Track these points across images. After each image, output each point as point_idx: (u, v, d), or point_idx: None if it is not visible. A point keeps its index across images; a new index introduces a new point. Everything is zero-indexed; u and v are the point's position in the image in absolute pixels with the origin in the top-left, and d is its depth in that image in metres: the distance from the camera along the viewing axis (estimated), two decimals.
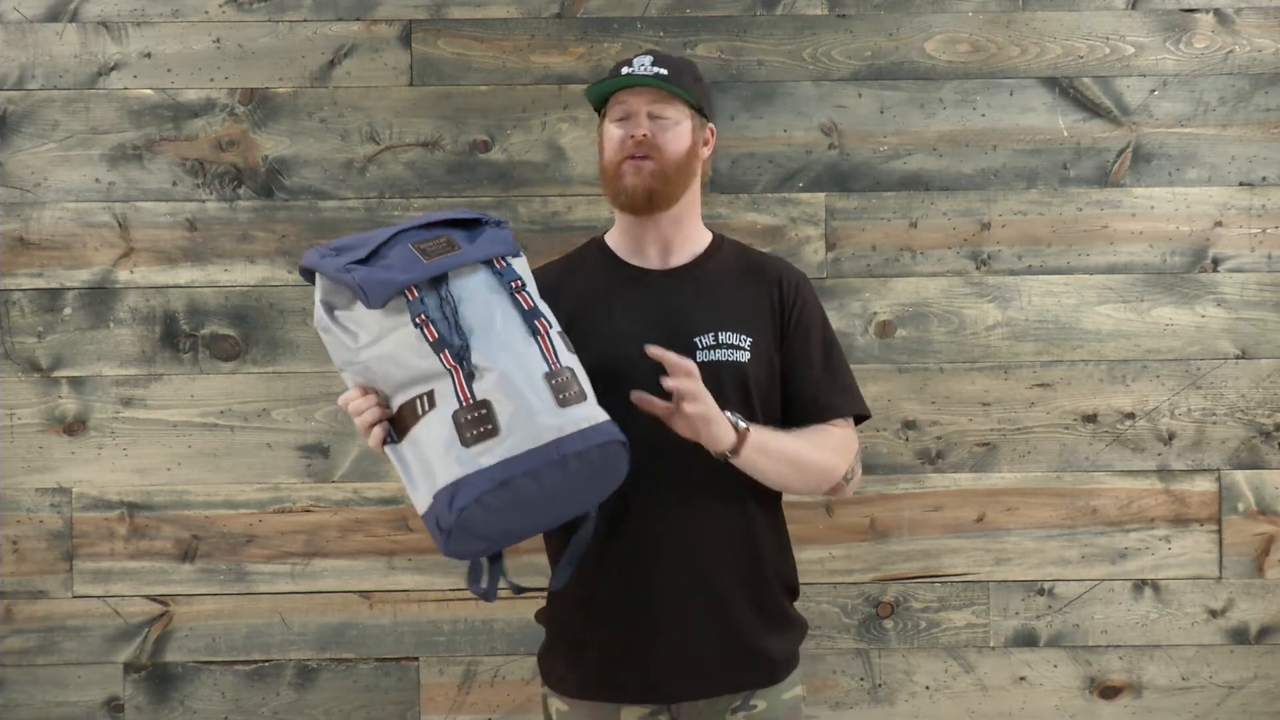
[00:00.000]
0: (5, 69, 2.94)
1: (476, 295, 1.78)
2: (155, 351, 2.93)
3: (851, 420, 2.08)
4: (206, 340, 2.94)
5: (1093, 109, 2.96)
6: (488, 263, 1.82)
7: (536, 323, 1.79)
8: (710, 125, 2.10)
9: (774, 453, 1.94)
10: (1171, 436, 2.96)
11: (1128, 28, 2.97)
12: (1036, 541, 2.95)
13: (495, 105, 2.95)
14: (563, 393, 1.75)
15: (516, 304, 1.79)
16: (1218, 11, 2.96)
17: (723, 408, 1.92)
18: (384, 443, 1.79)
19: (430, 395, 1.74)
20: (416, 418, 1.75)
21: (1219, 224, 2.96)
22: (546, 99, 2.95)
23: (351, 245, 1.81)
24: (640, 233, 2.08)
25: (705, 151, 2.10)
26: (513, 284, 1.81)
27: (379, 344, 1.76)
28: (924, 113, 2.96)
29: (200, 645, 2.93)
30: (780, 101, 2.95)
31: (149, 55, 2.94)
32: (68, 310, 2.93)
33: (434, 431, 1.73)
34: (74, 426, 2.93)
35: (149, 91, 2.95)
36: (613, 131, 2.04)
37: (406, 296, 1.74)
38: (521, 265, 1.86)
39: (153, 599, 2.93)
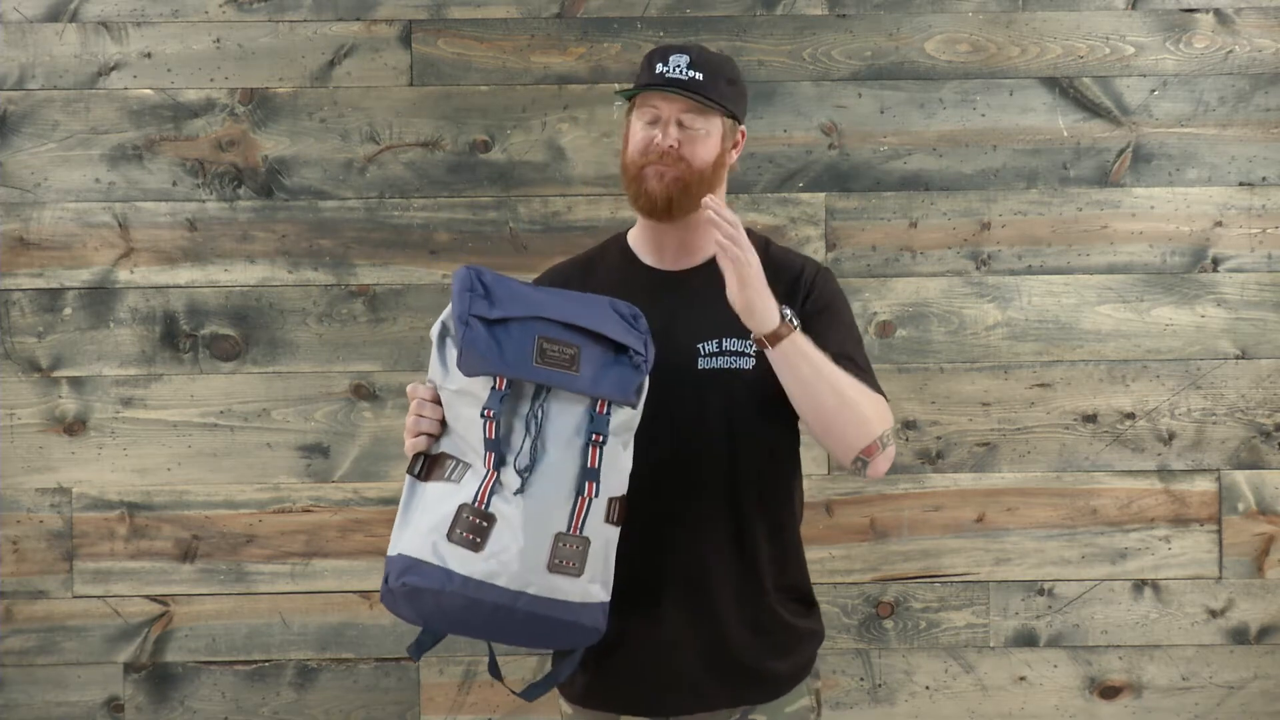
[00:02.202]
0: (5, 69, 2.94)
1: (558, 424, 1.75)
2: (155, 351, 2.93)
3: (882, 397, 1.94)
4: (206, 340, 2.94)
5: (1093, 109, 2.96)
6: (594, 400, 1.77)
7: (587, 484, 1.75)
8: (741, 128, 2.02)
9: (816, 364, 1.83)
10: (1171, 436, 2.96)
11: (1128, 28, 2.97)
12: (1036, 541, 2.95)
13: (495, 105, 2.95)
14: (559, 558, 1.72)
15: (584, 456, 1.75)
16: (1218, 11, 2.96)
17: (728, 416, 1.89)
18: (410, 468, 1.78)
19: (465, 468, 1.74)
20: (443, 476, 1.75)
21: (1219, 224, 2.96)
22: (546, 99, 2.95)
23: (498, 296, 1.78)
24: (659, 234, 2.02)
25: (734, 154, 2.02)
26: (594, 435, 1.75)
27: (457, 397, 1.75)
28: (924, 113, 2.96)
29: (200, 645, 2.93)
30: (780, 101, 2.95)
31: (149, 55, 2.94)
32: (68, 310, 2.93)
33: (440, 502, 1.73)
34: (74, 426, 2.93)
35: (149, 91, 2.95)
36: (639, 131, 1.97)
37: (494, 383, 1.72)
38: (623, 418, 1.79)
39: (153, 599, 2.93)
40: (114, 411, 2.93)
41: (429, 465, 1.77)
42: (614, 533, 1.79)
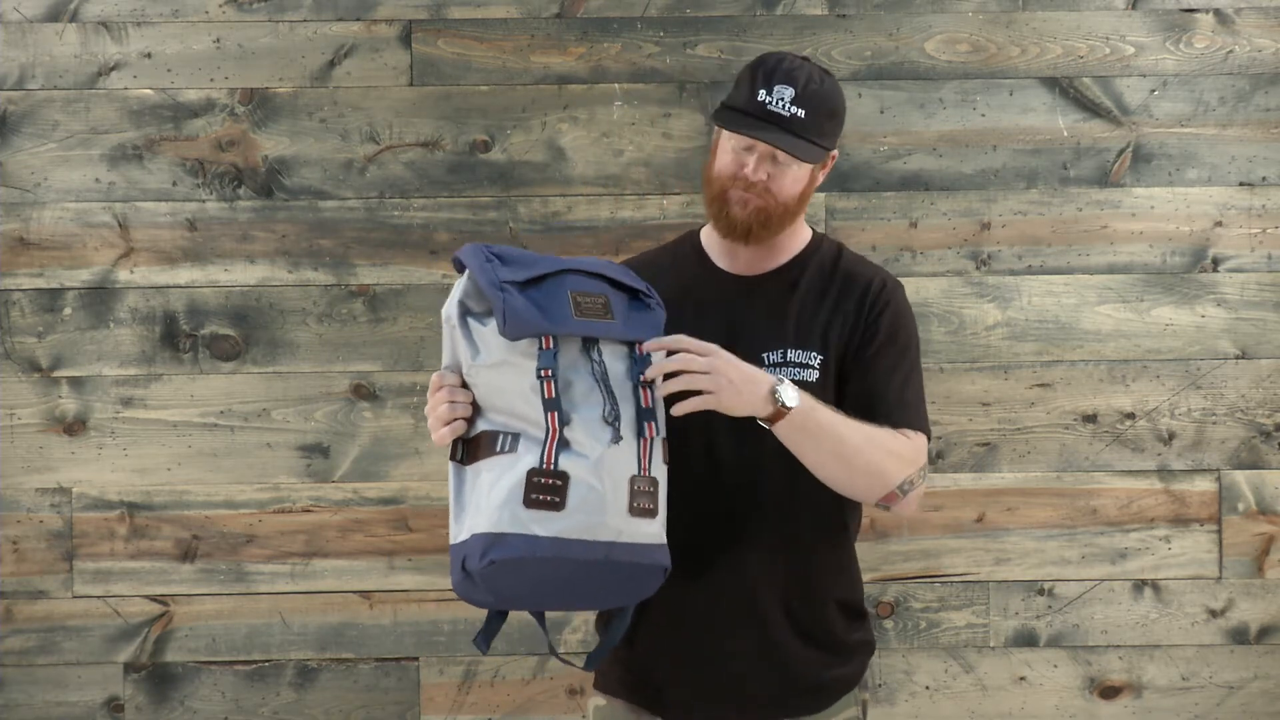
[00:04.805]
0: (5, 69, 2.94)
1: (612, 371, 1.76)
2: (155, 351, 2.93)
3: (923, 436, 1.92)
4: (206, 340, 2.94)
5: (1093, 109, 2.96)
6: (630, 344, 1.79)
7: (647, 424, 1.76)
8: (833, 153, 1.98)
9: (821, 433, 1.80)
10: (1171, 436, 2.96)
11: (1128, 28, 2.97)
12: (1036, 541, 2.95)
13: (495, 105, 2.95)
14: (638, 501, 1.73)
15: (637, 397, 1.76)
16: (1218, 11, 2.96)
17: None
18: (451, 455, 1.77)
19: (515, 438, 1.72)
20: (493, 452, 1.73)
21: (1219, 224, 2.96)
22: (546, 99, 2.95)
23: (516, 260, 1.77)
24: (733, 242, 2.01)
25: (821, 176, 1.99)
26: (643, 377, 1.77)
27: (495, 371, 1.73)
28: (924, 113, 2.96)
29: (200, 645, 2.93)
30: None
31: (149, 55, 2.94)
32: (68, 310, 2.93)
33: (502, 475, 1.71)
34: (74, 426, 2.93)
35: (149, 91, 2.95)
36: (728, 151, 1.92)
37: (540, 344, 1.71)
38: (658, 359, 1.81)
39: (153, 599, 2.93)
40: (114, 411, 2.93)
41: (470, 448, 1.76)
42: (665, 473, 1.80)
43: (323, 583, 2.94)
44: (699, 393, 1.76)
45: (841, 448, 1.83)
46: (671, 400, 1.81)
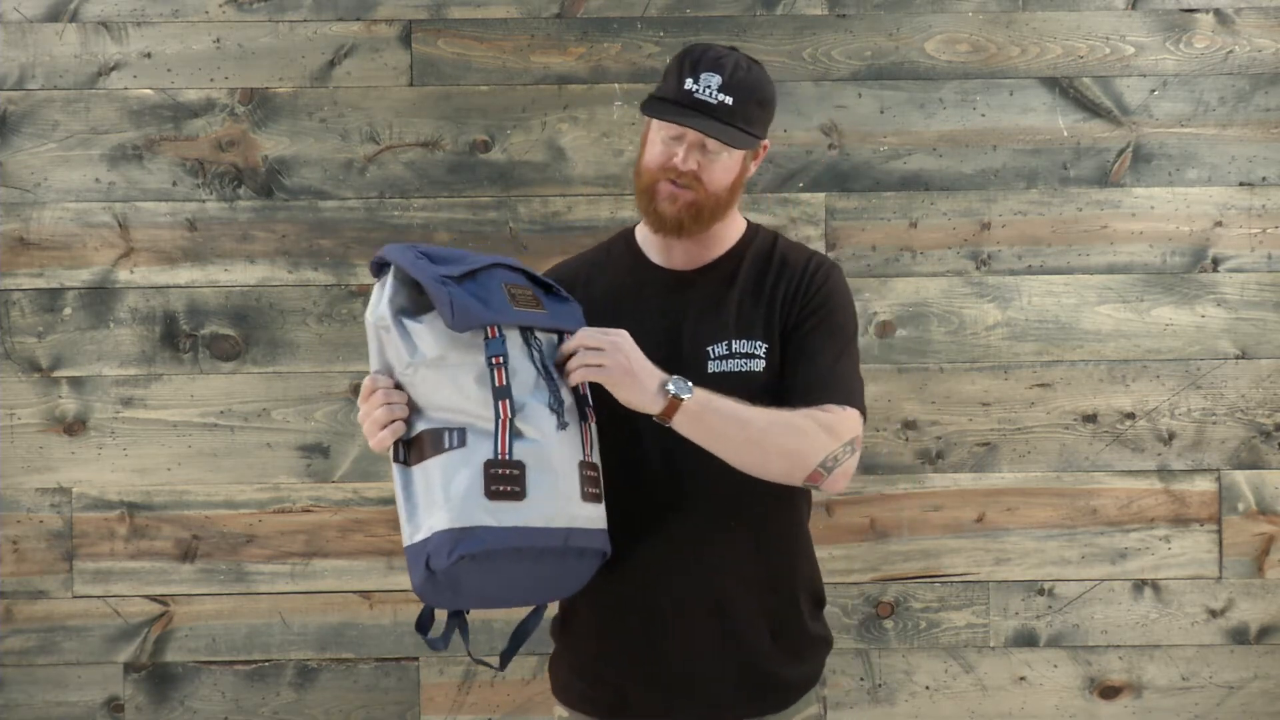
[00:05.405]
0: (5, 69, 2.94)
1: (549, 361, 1.78)
2: (155, 351, 2.94)
3: (851, 410, 1.91)
4: (206, 340, 2.94)
5: (1093, 109, 2.96)
6: (560, 334, 1.81)
7: (587, 409, 1.78)
8: (764, 142, 1.97)
9: (720, 423, 1.80)
10: (1171, 436, 2.96)
11: (1128, 28, 2.97)
12: (1036, 541, 2.95)
13: (495, 105, 2.95)
14: (586, 486, 1.75)
15: (575, 386, 1.78)
16: (1218, 11, 2.96)
17: None
18: (394, 457, 1.76)
19: (462, 432, 1.71)
20: (440, 449, 1.71)
21: (1219, 224, 2.96)
22: (546, 99, 2.95)
23: (445, 258, 1.77)
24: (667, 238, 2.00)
25: (754, 166, 1.99)
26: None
27: (438, 368, 1.72)
28: (924, 113, 2.96)
29: (200, 645, 2.93)
30: (780, 101, 2.92)
31: (149, 55, 2.94)
32: (68, 310, 2.93)
33: (455, 471, 1.70)
34: (74, 426, 2.93)
35: (149, 91, 2.95)
36: (658, 143, 1.91)
37: (486, 334, 1.72)
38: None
39: (153, 599, 2.93)
40: (114, 411, 2.93)
41: (414, 448, 1.74)
42: (599, 457, 1.84)
43: (323, 583, 2.94)
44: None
45: (747, 433, 1.81)
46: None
